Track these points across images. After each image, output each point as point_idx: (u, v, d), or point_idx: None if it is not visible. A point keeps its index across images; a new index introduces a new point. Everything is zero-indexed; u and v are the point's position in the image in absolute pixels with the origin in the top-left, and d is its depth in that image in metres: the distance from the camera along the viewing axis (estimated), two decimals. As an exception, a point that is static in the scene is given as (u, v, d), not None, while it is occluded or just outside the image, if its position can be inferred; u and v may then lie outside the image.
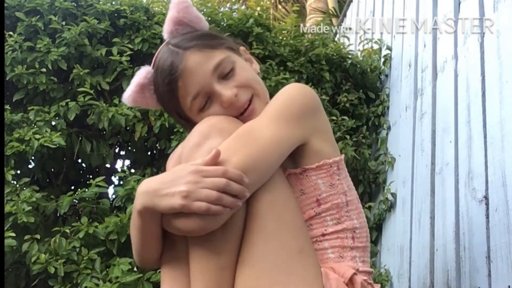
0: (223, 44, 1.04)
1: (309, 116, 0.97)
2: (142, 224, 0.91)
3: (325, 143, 0.99)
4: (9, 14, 2.02)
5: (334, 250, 0.96)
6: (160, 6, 2.35)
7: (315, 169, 0.97)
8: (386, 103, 2.42)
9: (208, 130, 0.93)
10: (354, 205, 1.00)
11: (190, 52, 0.99)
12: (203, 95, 1.00)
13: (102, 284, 1.56)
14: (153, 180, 0.89)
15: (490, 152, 1.31)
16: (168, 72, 1.00)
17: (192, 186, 0.82)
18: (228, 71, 1.01)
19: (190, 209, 0.82)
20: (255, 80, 1.04)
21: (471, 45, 1.58)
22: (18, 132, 1.78)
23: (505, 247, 1.16)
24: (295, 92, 0.98)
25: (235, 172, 0.84)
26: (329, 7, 5.60)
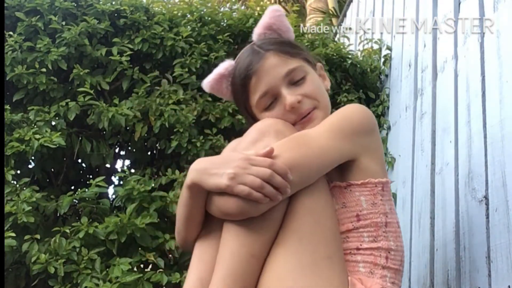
0: (301, 55, 1.13)
1: (363, 135, 1.03)
2: (189, 198, 0.96)
3: (373, 163, 1.04)
4: (9, 14, 2.02)
5: (366, 265, 0.98)
6: (160, 6, 2.35)
7: (359, 186, 1.01)
8: (386, 103, 2.42)
9: (266, 129, 1.00)
10: (393, 227, 1.04)
11: (269, 54, 1.09)
12: (270, 95, 1.08)
13: (102, 284, 1.56)
14: (205, 160, 0.96)
15: (490, 152, 1.31)
16: (245, 68, 1.10)
17: (239, 170, 0.88)
18: (299, 79, 1.09)
19: (234, 191, 0.88)
20: (321, 94, 1.12)
21: (471, 45, 1.58)
22: (18, 132, 1.78)
23: (505, 247, 1.16)
24: (354, 110, 1.05)
25: (281, 166, 0.89)
26: (329, 7, 5.60)
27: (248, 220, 0.90)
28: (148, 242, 1.70)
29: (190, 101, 2.07)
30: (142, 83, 2.08)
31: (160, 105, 1.99)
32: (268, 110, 1.09)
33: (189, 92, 2.09)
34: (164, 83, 2.08)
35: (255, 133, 1.00)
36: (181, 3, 2.41)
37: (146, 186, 1.77)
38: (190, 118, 1.97)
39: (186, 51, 2.16)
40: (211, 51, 2.21)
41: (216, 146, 1.97)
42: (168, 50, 2.15)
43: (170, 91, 2.05)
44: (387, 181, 1.05)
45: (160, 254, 1.71)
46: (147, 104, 1.98)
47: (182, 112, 1.98)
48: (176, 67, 2.12)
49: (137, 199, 1.73)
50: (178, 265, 1.75)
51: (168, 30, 2.20)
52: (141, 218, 1.68)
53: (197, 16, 2.30)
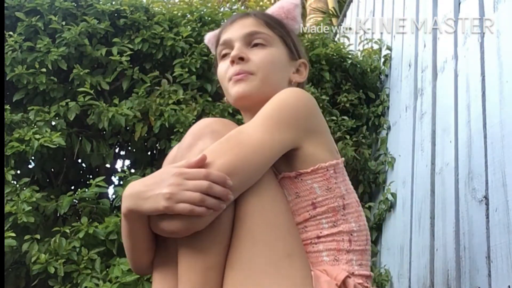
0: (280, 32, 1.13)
1: (301, 120, 0.97)
2: (130, 227, 0.92)
3: (320, 147, 0.99)
4: (9, 14, 2.02)
5: (329, 253, 0.95)
6: (160, 6, 2.35)
7: (310, 173, 0.97)
8: (386, 103, 2.42)
9: (201, 132, 0.94)
10: (352, 208, 0.99)
11: (251, 17, 1.13)
12: (227, 46, 1.12)
13: (102, 284, 1.56)
14: (137, 183, 0.89)
15: (490, 152, 1.31)
16: (226, 23, 1.17)
17: (174, 188, 0.82)
18: (257, 44, 1.10)
19: (174, 211, 0.82)
20: (271, 69, 1.10)
21: (471, 45, 1.58)
22: (18, 132, 1.78)
23: (505, 247, 1.16)
24: (288, 96, 0.98)
25: (218, 174, 0.84)
26: (329, 7, 5.60)
27: (198, 233, 0.86)
28: (148, 242, 1.70)
29: (190, 101, 2.07)
30: (142, 83, 2.08)
31: (160, 105, 1.99)
32: (221, 60, 1.14)
33: (189, 92, 2.09)
34: (164, 83, 2.08)
35: (190, 138, 0.95)
36: (181, 3, 2.41)
37: (146, 186, 1.77)
38: (190, 118, 1.97)
39: (186, 51, 2.16)
40: (211, 51, 2.20)
41: (216, 146, 1.97)
42: (168, 50, 2.15)
43: (170, 91, 2.06)
44: (338, 162, 1.00)
45: (160, 254, 1.71)
46: (147, 104, 1.98)
47: (182, 112, 1.98)
48: (176, 67, 2.12)
49: (137, 199, 1.73)
50: None
51: (168, 30, 2.20)
52: (141, 218, 1.68)
53: (197, 16, 2.30)
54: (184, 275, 0.88)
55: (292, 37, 1.16)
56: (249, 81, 1.07)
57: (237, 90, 1.08)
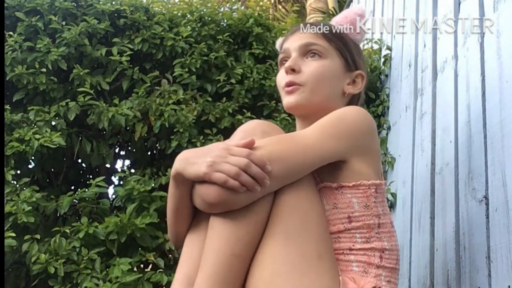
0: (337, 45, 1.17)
1: (355, 135, 1.01)
2: (175, 189, 0.97)
3: (367, 166, 1.02)
4: (9, 14, 2.02)
5: (359, 265, 0.97)
6: (160, 6, 2.35)
7: (351, 188, 1.00)
8: (386, 103, 2.42)
9: (252, 131, 0.99)
10: (386, 228, 1.02)
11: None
12: (286, 53, 1.19)
13: (102, 284, 1.56)
14: (189, 150, 0.97)
15: (490, 152, 1.31)
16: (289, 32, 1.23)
17: (217, 158, 0.88)
18: (311, 54, 1.15)
19: (211, 178, 0.87)
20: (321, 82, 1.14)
21: (471, 45, 1.58)
22: (18, 132, 1.78)
23: (505, 247, 1.16)
24: (348, 111, 1.04)
25: (259, 157, 0.89)
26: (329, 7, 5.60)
27: (231, 218, 0.89)
28: (148, 242, 1.70)
29: (190, 101, 2.07)
30: (142, 83, 2.08)
31: (160, 105, 1.99)
32: (281, 67, 1.20)
33: (189, 92, 2.09)
34: (164, 83, 2.08)
35: (240, 134, 1.00)
36: (181, 3, 2.42)
37: (146, 186, 1.77)
38: (190, 118, 1.97)
39: (186, 51, 2.16)
40: (211, 51, 2.21)
41: (216, 146, 1.97)
42: (168, 50, 2.15)
43: (170, 91, 2.06)
44: (381, 183, 1.03)
45: (160, 254, 1.72)
46: (147, 104, 1.98)
47: (182, 112, 1.98)
48: (176, 67, 2.12)
49: (137, 199, 1.73)
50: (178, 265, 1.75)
51: (168, 30, 2.20)
52: (141, 218, 1.68)
53: (197, 16, 2.30)
54: (208, 259, 0.90)
55: (351, 49, 1.19)
56: (298, 93, 1.13)
57: (287, 101, 1.15)
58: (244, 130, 1.00)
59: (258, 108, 2.21)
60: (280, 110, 2.16)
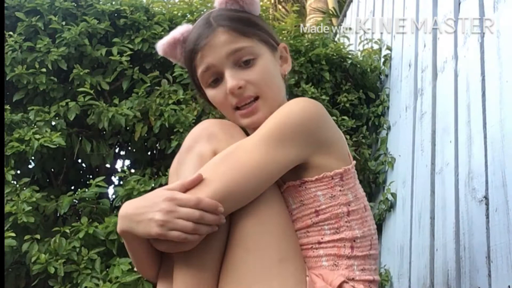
0: (257, 35, 1.03)
1: (308, 134, 0.93)
2: (128, 245, 0.93)
3: (328, 157, 0.96)
4: (9, 14, 2.02)
5: (329, 258, 0.94)
6: (160, 6, 2.35)
7: (314, 182, 0.95)
8: (386, 103, 2.42)
9: (198, 135, 0.95)
10: (358, 214, 0.98)
11: (220, 30, 1.01)
12: (212, 72, 1.02)
13: (102, 284, 1.56)
14: (131, 203, 0.90)
15: (490, 152, 1.31)
16: (193, 41, 1.03)
17: (166, 216, 0.82)
18: (245, 60, 1.01)
19: (167, 237, 0.83)
20: (269, 82, 1.02)
21: (471, 45, 1.58)
22: (18, 132, 1.78)
23: (505, 247, 1.16)
24: (292, 109, 0.94)
25: (209, 203, 0.84)
26: (329, 7, 5.60)
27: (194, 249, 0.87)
28: (148, 242, 1.70)
29: (190, 101, 2.07)
30: (142, 83, 2.08)
31: (160, 105, 1.99)
32: (212, 87, 1.04)
33: (189, 92, 2.09)
34: (164, 83, 2.08)
35: (188, 141, 0.96)
36: (181, 3, 2.41)
37: (146, 186, 1.77)
38: (190, 118, 1.97)
39: (186, 51, 2.16)
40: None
41: (216, 146, 1.97)
42: (168, 50, 2.14)
43: (170, 91, 2.05)
44: (346, 169, 0.97)
45: (160, 254, 1.71)
46: (147, 104, 1.98)
47: (182, 112, 1.98)
48: (176, 67, 2.12)
49: (137, 199, 1.73)
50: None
51: (168, 30, 2.20)
52: (141, 218, 1.67)
53: (197, 16, 2.30)
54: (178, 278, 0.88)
55: (266, 29, 1.07)
56: (259, 111, 1.01)
57: (251, 122, 1.02)
58: (191, 136, 0.96)
59: (258, 108, 2.20)
60: (280, 110, 2.16)
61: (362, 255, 0.96)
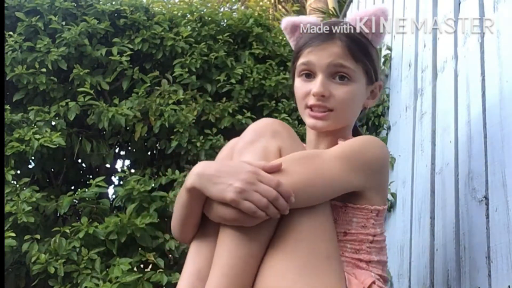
0: (364, 64, 1.11)
1: (375, 171, 1.03)
2: (187, 201, 0.95)
3: (376, 194, 1.04)
4: (9, 14, 2.02)
5: (348, 265, 1.01)
6: (160, 6, 2.35)
7: (354, 209, 1.02)
8: (386, 103, 2.42)
9: (262, 130, 0.99)
10: (379, 244, 1.05)
11: (337, 42, 1.09)
12: (309, 68, 1.10)
13: (102, 284, 1.56)
14: (210, 165, 0.93)
15: (490, 152, 1.31)
16: (311, 37, 1.12)
17: (247, 185, 0.86)
18: (339, 76, 1.09)
19: (239, 206, 0.86)
20: (348, 108, 1.12)
21: (471, 45, 1.58)
22: (18, 132, 1.78)
23: (505, 247, 1.16)
24: (371, 144, 1.05)
25: (287, 189, 0.88)
26: (329, 7, 5.60)
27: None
28: (148, 242, 1.70)
29: (190, 101, 2.07)
30: (142, 83, 2.08)
31: (160, 105, 1.99)
32: (303, 79, 1.12)
33: (189, 92, 2.09)
34: (164, 83, 2.08)
35: (251, 134, 0.99)
36: (181, 3, 2.42)
37: (146, 186, 1.77)
38: (190, 118, 1.97)
39: (186, 51, 2.16)
40: (211, 51, 2.21)
41: (216, 146, 1.97)
42: (168, 50, 2.15)
43: (170, 91, 2.06)
44: (384, 208, 1.07)
45: (160, 254, 1.71)
46: (147, 104, 1.98)
47: (182, 112, 1.98)
48: (176, 67, 2.12)
49: (137, 199, 1.73)
50: (178, 265, 1.75)
51: (168, 30, 2.20)
52: (141, 218, 1.68)
53: (197, 16, 2.31)
54: (222, 258, 0.90)
55: (374, 63, 1.15)
56: (326, 120, 1.10)
57: (313, 124, 1.11)
58: (254, 130, 1.00)
59: (258, 108, 2.21)
60: (280, 110, 2.16)
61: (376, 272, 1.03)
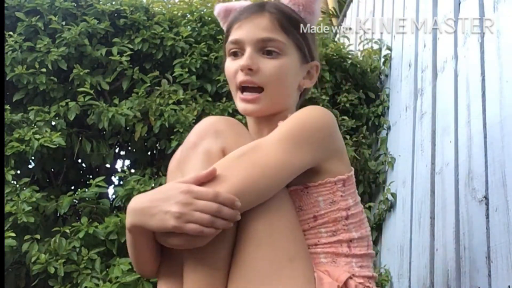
0: (295, 37, 1.07)
1: (322, 140, 0.96)
2: (134, 240, 0.91)
3: (334, 163, 0.98)
4: (9, 14, 2.02)
5: (327, 256, 0.96)
6: (160, 6, 2.35)
7: (317, 187, 0.97)
8: (386, 103, 2.42)
9: (204, 131, 0.93)
10: (357, 217, 0.99)
11: (266, 14, 1.05)
12: (238, 46, 1.06)
13: (102, 284, 1.56)
14: (143, 197, 0.87)
15: (490, 152, 1.31)
16: (240, 12, 1.09)
17: (183, 207, 0.81)
18: (269, 51, 1.04)
19: (183, 230, 0.81)
20: (280, 82, 1.05)
21: (471, 45, 1.58)
22: (18, 132, 1.78)
23: (505, 247, 1.16)
24: (310, 115, 0.97)
25: (227, 197, 0.83)
26: (329, 7, 5.60)
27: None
28: (148, 242, 1.70)
29: (190, 101, 2.07)
30: (142, 83, 2.08)
31: (160, 105, 1.99)
32: (232, 58, 1.08)
33: (189, 92, 2.09)
34: (164, 83, 2.08)
35: (194, 137, 0.94)
36: (181, 3, 2.41)
37: (146, 186, 1.77)
38: (190, 118, 1.97)
39: (186, 51, 2.16)
40: (211, 51, 2.21)
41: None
42: (168, 50, 2.15)
43: (170, 91, 2.06)
44: (348, 176, 1.00)
45: (160, 254, 1.71)
46: (147, 104, 1.98)
47: (182, 112, 1.98)
48: (176, 67, 2.12)
49: (137, 199, 1.73)
50: None
51: (168, 30, 2.20)
52: (141, 218, 1.67)
53: (197, 16, 2.30)
54: (190, 277, 0.87)
55: (308, 39, 1.11)
56: (257, 103, 1.04)
57: (244, 109, 1.06)
58: (196, 132, 0.94)
59: (258, 108, 2.20)
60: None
61: (360, 254, 0.97)
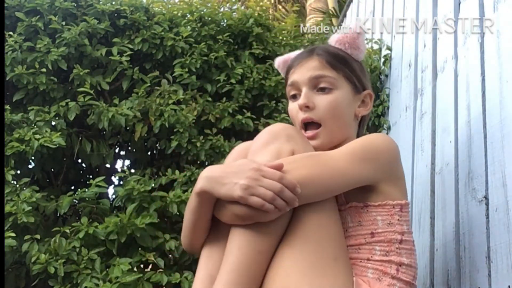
0: (344, 71, 1.17)
1: (383, 162, 1.05)
2: (197, 205, 0.98)
3: (394, 187, 1.06)
4: (9, 14, 2.02)
5: (375, 272, 1.00)
6: (160, 6, 2.35)
7: (376, 207, 1.04)
8: (386, 103, 2.42)
9: (277, 133, 1.02)
10: (408, 245, 1.05)
11: (315, 57, 1.18)
12: (295, 87, 1.19)
13: (102, 284, 1.56)
14: (217, 168, 0.98)
15: (490, 152, 1.31)
16: (293, 60, 1.23)
17: (252, 181, 0.90)
18: (322, 87, 1.15)
19: (247, 202, 0.90)
20: (336, 115, 1.15)
21: (471, 45, 1.58)
22: (18, 132, 1.78)
23: (505, 247, 1.16)
24: (377, 138, 1.08)
25: (290, 181, 0.91)
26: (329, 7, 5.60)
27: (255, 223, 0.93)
28: (148, 242, 1.70)
29: (190, 101, 2.07)
30: (142, 83, 2.08)
31: (160, 105, 1.99)
32: (292, 101, 1.21)
33: (189, 92, 2.09)
34: (164, 83, 2.08)
35: (266, 136, 1.02)
36: (181, 3, 2.41)
37: (146, 186, 1.77)
38: (190, 118, 1.97)
39: (186, 51, 2.16)
40: (211, 51, 2.21)
41: (216, 146, 1.97)
42: (168, 50, 2.15)
43: (170, 91, 2.05)
44: (406, 203, 1.07)
45: (160, 254, 1.71)
46: (147, 104, 1.98)
47: (182, 112, 1.98)
48: (176, 67, 2.12)
49: (137, 199, 1.73)
50: (178, 265, 1.75)
51: (168, 30, 2.20)
52: (141, 218, 1.68)
53: (197, 16, 2.30)
54: (232, 255, 0.92)
55: (356, 71, 1.21)
56: (318, 138, 1.14)
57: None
58: (269, 132, 1.03)
59: (258, 108, 2.21)
60: (280, 110, 2.16)
61: (405, 280, 1.02)
